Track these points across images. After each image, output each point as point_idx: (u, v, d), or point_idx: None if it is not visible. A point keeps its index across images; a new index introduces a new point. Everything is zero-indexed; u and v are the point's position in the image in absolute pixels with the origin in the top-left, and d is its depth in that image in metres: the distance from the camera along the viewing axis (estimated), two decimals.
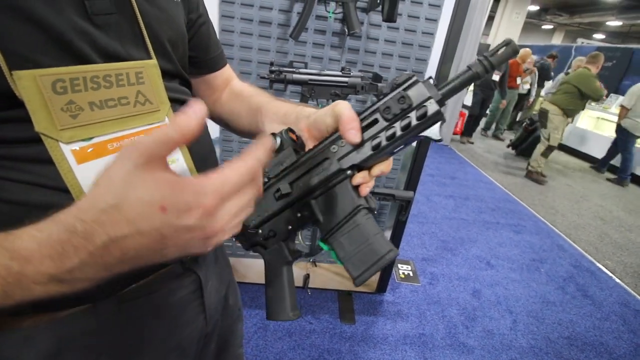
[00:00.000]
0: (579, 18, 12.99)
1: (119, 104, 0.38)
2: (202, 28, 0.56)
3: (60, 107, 0.34)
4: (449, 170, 4.35)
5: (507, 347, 1.77)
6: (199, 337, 0.54)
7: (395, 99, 0.40)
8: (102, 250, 0.26)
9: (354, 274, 0.43)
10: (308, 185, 0.45)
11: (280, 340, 1.61)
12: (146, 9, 0.42)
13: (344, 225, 0.44)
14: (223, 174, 0.29)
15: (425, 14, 1.32)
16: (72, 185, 0.35)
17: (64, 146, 0.35)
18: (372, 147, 0.42)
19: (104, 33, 0.37)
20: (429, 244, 2.60)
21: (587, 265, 2.63)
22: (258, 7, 1.26)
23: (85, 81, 0.35)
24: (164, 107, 0.42)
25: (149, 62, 0.41)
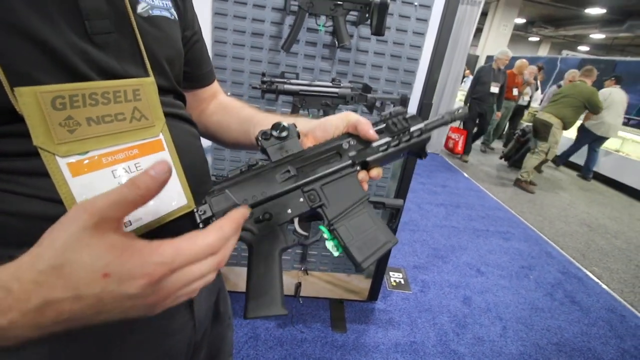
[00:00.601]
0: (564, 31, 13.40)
1: (115, 120, 0.39)
2: (195, 45, 0.58)
3: (59, 122, 0.35)
4: (440, 178, 4.41)
5: (497, 353, 1.78)
6: (188, 345, 0.54)
7: (401, 118, 0.52)
8: (35, 312, 0.26)
9: (359, 258, 0.46)
10: (316, 172, 0.47)
11: (271, 349, 1.60)
12: (146, 29, 0.43)
13: (351, 211, 0.48)
14: (178, 245, 0.29)
15: (413, 28, 1.36)
16: (66, 197, 0.36)
17: (60, 160, 0.36)
18: (381, 150, 0.51)
19: (103, 52, 0.39)
20: (420, 251, 2.63)
21: (575, 271, 2.68)
22: (250, 19, 1.29)
23: (84, 98, 0.36)
24: (159, 122, 0.44)
25: (147, 79, 0.42)
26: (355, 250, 0.46)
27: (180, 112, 0.51)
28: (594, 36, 13.27)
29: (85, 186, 0.38)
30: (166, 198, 0.45)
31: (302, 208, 0.46)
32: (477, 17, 4.59)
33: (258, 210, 0.44)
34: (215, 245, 0.32)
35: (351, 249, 0.46)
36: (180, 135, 0.48)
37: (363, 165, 0.50)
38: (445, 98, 5.11)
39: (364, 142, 0.50)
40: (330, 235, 0.47)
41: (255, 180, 0.45)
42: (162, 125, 0.44)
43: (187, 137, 0.51)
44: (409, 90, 1.46)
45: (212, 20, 1.28)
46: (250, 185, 0.44)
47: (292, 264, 1.77)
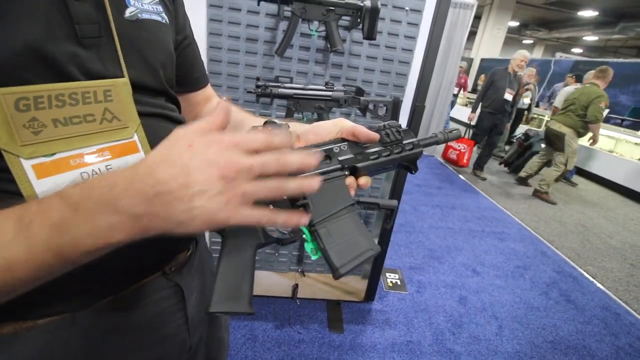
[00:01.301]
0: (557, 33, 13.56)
1: (84, 121, 0.39)
2: (187, 49, 0.59)
3: (23, 124, 0.35)
4: (436, 180, 4.44)
5: (493, 352, 1.80)
6: (181, 349, 0.55)
7: (394, 130, 0.52)
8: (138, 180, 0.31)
9: (337, 263, 0.43)
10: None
11: (269, 351, 1.61)
12: (135, 32, 0.44)
13: (335, 215, 0.46)
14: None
15: (404, 32, 1.39)
16: (30, 198, 0.36)
17: (25, 161, 0.35)
18: (372, 158, 0.50)
19: (91, 54, 0.40)
20: (416, 252, 2.65)
21: (570, 270, 2.71)
22: (245, 25, 1.32)
23: (50, 99, 0.36)
24: (133, 123, 0.43)
25: (119, 80, 0.41)
26: (334, 254, 0.44)
27: (171, 114, 0.51)
28: (587, 38, 13.44)
29: (51, 188, 0.37)
30: None
31: (285, 204, 0.44)
32: (470, 20, 4.65)
33: None
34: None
35: (330, 253, 0.44)
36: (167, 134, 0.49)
37: (352, 171, 0.50)
38: (439, 102, 5.15)
39: (355, 148, 0.50)
40: (310, 237, 0.46)
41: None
42: (136, 126, 0.43)
43: None
44: (402, 93, 1.49)
45: (207, 26, 1.30)
46: None
47: (289, 265, 1.79)
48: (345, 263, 0.43)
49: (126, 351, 0.47)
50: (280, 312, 1.84)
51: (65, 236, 0.30)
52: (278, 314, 1.83)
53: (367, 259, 0.45)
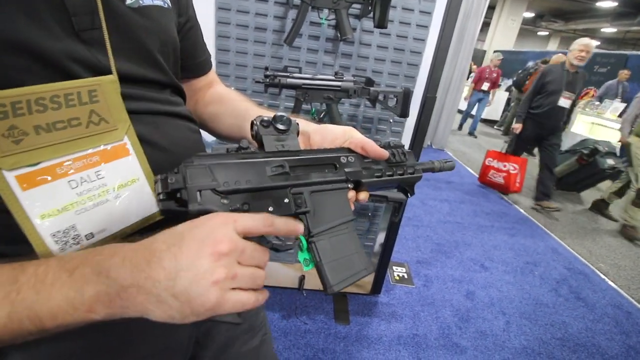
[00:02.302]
0: (574, 24, 13.16)
1: (69, 126, 0.36)
2: (190, 32, 0.56)
3: (2, 134, 0.32)
4: (444, 174, 4.39)
5: (500, 347, 1.79)
6: (189, 340, 0.55)
7: (400, 151, 0.53)
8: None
9: (332, 280, 0.42)
10: (308, 177, 0.44)
11: (275, 340, 1.62)
12: (136, 21, 0.42)
13: (335, 229, 0.45)
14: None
15: (417, 21, 1.36)
16: (16, 212, 0.34)
17: (7, 173, 0.33)
18: (376, 176, 0.50)
19: (89, 48, 0.38)
20: (424, 246, 2.63)
21: (581, 267, 2.66)
22: (253, 14, 1.30)
23: (29, 104, 0.33)
24: (122, 125, 0.40)
25: (105, 78, 0.38)
26: (329, 270, 0.43)
27: (176, 109, 0.49)
28: (605, 30, 13.02)
29: (37, 199, 0.35)
30: (136, 205, 0.43)
31: (285, 210, 0.42)
32: (484, 10, 4.53)
33: (237, 199, 0.39)
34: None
35: (325, 268, 0.42)
36: (171, 133, 0.47)
37: (355, 185, 0.49)
38: (451, 93, 5.06)
39: (361, 162, 0.49)
40: (306, 247, 0.44)
41: (242, 166, 0.40)
42: (126, 128, 0.40)
43: (179, 134, 0.49)
44: (413, 84, 1.46)
45: (216, 14, 1.29)
46: (236, 169, 0.40)
47: (296, 257, 1.79)
48: (338, 282, 0.43)
49: (132, 340, 0.47)
50: (286, 303, 1.85)
51: (47, 304, 0.31)
52: (285, 305, 1.84)
53: (359, 279, 0.45)
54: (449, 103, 5.11)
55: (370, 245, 1.79)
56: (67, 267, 0.32)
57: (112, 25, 0.39)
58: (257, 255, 0.36)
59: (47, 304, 0.31)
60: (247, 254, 0.35)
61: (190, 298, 0.31)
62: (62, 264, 0.32)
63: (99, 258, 0.32)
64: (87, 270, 0.31)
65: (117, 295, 0.31)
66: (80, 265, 0.31)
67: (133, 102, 0.41)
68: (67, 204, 0.37)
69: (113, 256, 0.32)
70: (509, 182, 3.65)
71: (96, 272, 0.31)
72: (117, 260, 0.31)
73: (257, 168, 0.41)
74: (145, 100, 0.44)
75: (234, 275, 0.33)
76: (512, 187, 3.65)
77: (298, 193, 0.43)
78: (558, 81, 3.21)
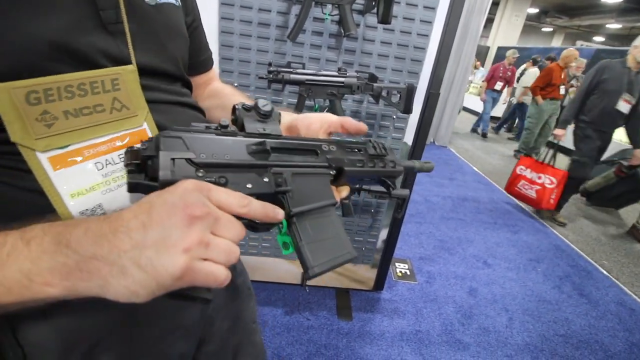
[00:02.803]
0: (579, 20, 13.04)
1: (94, 112, 0.39)
2: (196, 31, 0.59)
3: (35, 118, 0.35)
4: (447, 171, 4.38)
5: (503, 344, 1.79)
6: (200, 318, 0.57)
7: (381, 145, 0.53)
8: (103, 222, 0.31)
9: (312, 262, 0.41)
10: (290, 159, 0.43)
11: (278, 335, 1.63)
12: (154, 17, 0.44)
13: (317, 212, 0.44)
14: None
15: (420, 16, 1.35)
16: (49, 190, 0.37)
17: (40, 155, 0.36)
18: (358, 165, 0.50)
19: (115, 40, 0.40)
20: (426, 243, 2.63)
21: (584, 265, 2.65)
22: (257, 9, 1.30)
23: (59, 91, 0.36)
24: (141, 112, 0.43)
25: (126, 67, 0.41)
26: (309, 251, 0.41)
27: (187, 100, 0.52)
28: (610, 26, 12.89)
29: (67, 179, 0.38)
30: None
31: (265, 188, 0.40)
32: (488, 6, 4.50)
33: (213, 173, 0.37)
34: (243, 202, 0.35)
35: (305, 249, 0.41)
36: (183, 123, 0.49)
37: (337, 174, 0.48)
38: (454, 89, 5.04)
39: (342, 152, 0.49)
40: (286, 229, 0.43)
41: (221, 141, 0.39)
42: (145, 114, 0.43)
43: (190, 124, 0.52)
44: (416, 80, 1.45)
45: (219, 10, 1.29)
46: (214, 143, 0.38)
47: None
48: (320, 263, 0.41)
49: (153, 317, 0.49)
50: (289, 299, 1.86)
51: (1, 277, 0.30)
52: (287, 301, 1.85)
53: (342, 263, 0.44)
54: (452, 100, 5.09)
55: (373, 242, 1.79)
56: (25, 236, 0.31)
57: (133, 20, 0.41)
58: (233, 228, 0.33)
59: (1, 277, 0.30)
60: (222, 224, 0.32)
61: (157, 267, 0.29)
62: (21, 234, 0.31)
63: (60, 229, 0.31)
64: (46, 239, 0.30)
65: (76, 267, 0.29)
66: (40, 234, 0.31)
67: (149, 92, 0.44)
68: (94, 184, 0.40)
69: (76, 226, 0.31)
70: (543, 197, 3.05)
71: (55, 242, 0.30)
72: (80, 231, 0.30)
73: (237, 145, 0.40)
74: (159, 91, 0.46)
75: (207, 243, 0.31)
76: (545, 203, 3.06)
77: (279, 173, 0.42)
78: (618, 80, 2.68)
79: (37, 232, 0.31)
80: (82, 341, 0.43)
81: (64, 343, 0.42)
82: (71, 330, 0.43)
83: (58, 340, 0.42)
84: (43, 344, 0.41)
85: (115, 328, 0.46)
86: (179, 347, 0.54)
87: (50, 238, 0.30)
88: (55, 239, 0.30)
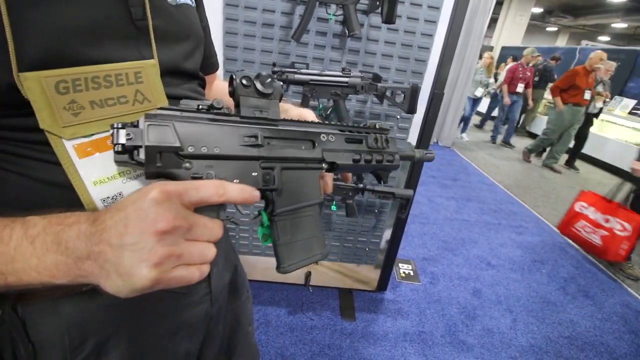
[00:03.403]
0: (584, 20, 12.95)
1: (118, 103, 0.40)
2: (206, 37, 0.60)
3: (63, 106, 0.36)
4: (451, 172, 4.36)
5: (507, 345, 1.78)
6: (205, 317, 0.57)
7: (383, 138, 0.51)
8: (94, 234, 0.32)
9: (285, 261, 0.42)
10: (283, 152, 0.42)
11: (282, 335, 1.63)
12: (175, 15, 0.46)
13: (300, 211, 0.44)
14: None
15: (425, 16, 1.35)
16: (74, 178, 0.38)
17: (67, 142, 0.37)
18: (353, 160, 0.48)
19: (142, 36, 0.42)
20: (430, 244, 2.62)
21: (589, 266, 2.63)
22: (261, 10, 1.30)
23: (86, 81, 0.37)
24: (161, 105, 0.43)
25: (148, 62, 0.42)
26: (284, 250, 0.42)
27: (202, 98, 0.53)
28: (615, 25, 12.79)
29: (91, 167, 0.39)
30: None
31: (252, 183, 0.39)
32: (492, 6, 4.48)
33: (201, 164, 0.36)
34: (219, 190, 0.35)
35: (281, 248, 0.42)
36: None
37: (329, 167, 0.47)
38: (457, 90, 5.02)
39: (341, 143, 0.47)
40: (266, 223, 0.43)
41: (212, 129, 0.37)
42: None
43: None
44: (420, 80, 1.45)
45: (224, 11, 1.29)
46: (204, 131, 0.36)
47: None
48: (292, 263, 0.43)
49: (160, 315, 0.50)
50: (293, 299, 1.86)
51: (10, 266, 0.33)
52: (291, 301, 1.85)
53: (312, 262, 0.45)
54: (456, 100, 5.07)
55: (377, 242, 1.79)
56: (29, 233, 0.33)
57: (156, 18, 0.43)
58: (208, 230, 0.34)
59: (10, 264, 0.33)
60: (196, 230, 0.33)
61: (132, 277, 0.31)
62: (25, 229, 0.33)
63: (59, 228, 0.33)
64: (48, 239, 0.33)
65: (75, 265, 0.32)
66: (42, 233, 0.33)
67: (168, 88, 0.45)
68: (116, 173, 0.41)
69: (72, 226, 0.33)
70: (610, 245, 2.40)
71: (56, 242, 0.32)
72: (74, 233, 0.32)
73: (228, 133, 0.38)
74: (178, 87, 0.47)
75: (179, 255, 0.32)
76: (612, 254, 2.41)
77: (268, 168, 0.41)
78: None
79: (39, 230, 0.33)
80: (90, 338, 0.44)
81: (72, 339, 0.43)
82: (80, 327, 0.43)
83: (67, 336, 0.42)
84: (52, 339, 0.42)
85: (123, 325, 0.46)
86: (184, 346, 0.54)
87: (51, 238, 0.33)
88: (56, 239, 0.33)
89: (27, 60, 0.33)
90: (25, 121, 0.36)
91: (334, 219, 1.72)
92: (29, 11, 0.33)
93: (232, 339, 0.69)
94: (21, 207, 0.37)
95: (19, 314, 0.40)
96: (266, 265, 1.82)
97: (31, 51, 0.33)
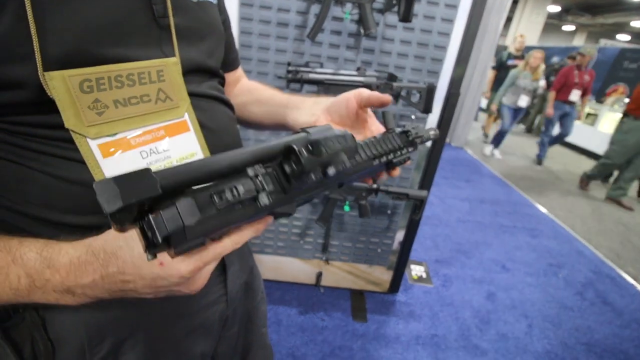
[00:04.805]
0: (602, 18, 12.61)
1: (141, 102, 0.40)
2: (227, 30, 0.59)
3: (87, 105, 0.36)
4: (464, 173, 4.30)
5: (522, 350, 1.74)
6: (220, 318, 0.57)
7: (406, 152, 0.48)
8: (110, 277, 0.33)
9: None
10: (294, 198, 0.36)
11: (293, 335, 1.63)
12: (197, 13, 0.46)
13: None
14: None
15: (441, 15, 1.32)
16: (98, 177, 0.38)
17: (91, 141, 0.37)
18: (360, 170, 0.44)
19: (164, 32, 0.42)
20: (443, 246, 2.59)
21: (608, 271, 2.56)
22: (276, 9, 1.30)
23: (110, 80, 0.37)
24: (183, 103, 0.44)
25: (169, 60, 0.42)
26: None
27: (222, 96, 0.53)
28: (635, 24, 12.41)
29: (115, 167, 0.39)
30: None
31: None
32: (509, 4, 4.39)
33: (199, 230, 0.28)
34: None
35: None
36: (219, 117, 0.50)
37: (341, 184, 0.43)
38: (471, 90, 4.94)
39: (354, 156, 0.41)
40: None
41: (229, 209, 0.29)
42: (186, 106, 0.44)
43: (225, 119, 0.52)
44: (436, 80, 1.43)
45: (239, 11, 1.30)
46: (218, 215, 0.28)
47: (314, 253, 1.79)
48: None
49: (175, 316, 0.50)
50: (303, 299, 1.86)
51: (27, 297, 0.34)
52: (302, 300, 1.84)
53: None
54: (469, 100, 4.99)
55: (389, 244, 1.77)
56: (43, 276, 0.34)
57: (178, 15, 0.43)
58: (212, 267, 0.35)
59: (27, 298, 0.35)
60: (200, 277, 0.35)
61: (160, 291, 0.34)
62: (41, 269, 0.33)
63: (62, 278, 0.33)
64: (58, 285, 0.34)
65: (88, 299, 0.35)
66: (51, 279, 0.33)
67: (189, 85, 0.44)
68: None
69: (83, 277, 0.33)
70: None
71: (65, 292, 0.34)
72: (88, 279, 0.33)
73: (249, 206, 0.32)
74: (199, 85, 0.47)
75: (195, 275, 0.34)
76: None
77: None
78: None
79: (63, 278, 0.34)
80: (108, 337, 0.44)
81: (91, 338, 0.43)
82: (98, 326, 0.43)
83: (86, 334, 0.43)
84: (71, 338, 0.42)
85: (141, 324, 0.46)
86: (200, 346, 0.54)
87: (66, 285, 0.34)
88: (67, 288, 0.34)
89: (52, 59, 0.33)
90: (49, 119, 0.36)
91: (346, 219, 1.71)
92: (53, 10, 0.33)
93: (246, 340, 0.68)
94: (42, 204, 0.38)
95: (39, 312, 0.41)
96: (277, 265, 1.82)
97: (55, 50, 0.33)
